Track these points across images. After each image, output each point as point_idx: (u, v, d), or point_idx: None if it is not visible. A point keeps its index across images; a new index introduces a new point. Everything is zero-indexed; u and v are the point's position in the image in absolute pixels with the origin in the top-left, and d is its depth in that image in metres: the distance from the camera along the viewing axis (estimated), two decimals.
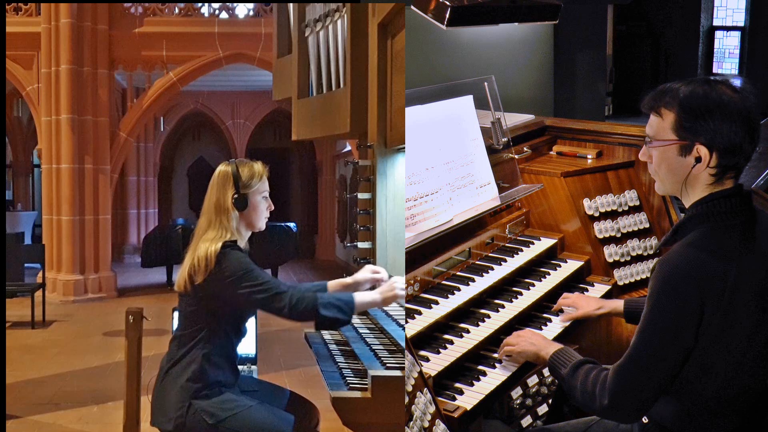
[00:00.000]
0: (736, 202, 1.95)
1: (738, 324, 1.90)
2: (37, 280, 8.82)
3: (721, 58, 12.30)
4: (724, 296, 1.87)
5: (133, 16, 10.27)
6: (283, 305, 2.41)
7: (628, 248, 3.25)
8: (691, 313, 1.87)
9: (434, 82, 3.18)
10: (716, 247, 1.90)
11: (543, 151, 3.68)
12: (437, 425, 2.08)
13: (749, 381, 1.98)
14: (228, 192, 2.55)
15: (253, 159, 2.69)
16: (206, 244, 2.47)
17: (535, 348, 2.31)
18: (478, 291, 2.75)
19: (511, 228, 3.20)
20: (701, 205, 1.96)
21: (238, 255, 2.46)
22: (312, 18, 4.26)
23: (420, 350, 2.39)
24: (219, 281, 2.43)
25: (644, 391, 1.95)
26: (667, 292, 1.89)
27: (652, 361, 1.92)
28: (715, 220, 1.94)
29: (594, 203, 3.26)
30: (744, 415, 2.02)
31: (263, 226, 2.64)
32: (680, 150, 1.96)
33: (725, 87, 1.94)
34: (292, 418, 2.62)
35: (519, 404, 2.85)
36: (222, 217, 2.52)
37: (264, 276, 2.45)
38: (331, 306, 2.44)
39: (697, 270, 1.87)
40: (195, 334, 2.52)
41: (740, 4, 11.93)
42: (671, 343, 1.91)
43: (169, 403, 2.50)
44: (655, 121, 2.00)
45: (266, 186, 2.64)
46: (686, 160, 1.95)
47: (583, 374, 2.07)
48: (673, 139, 1.96)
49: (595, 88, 7.36)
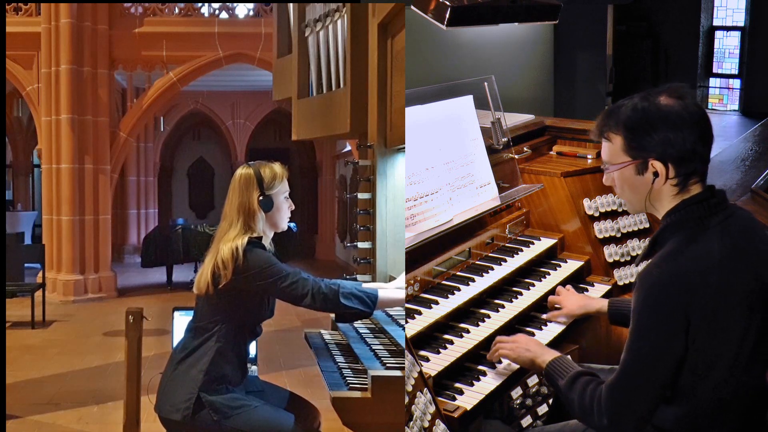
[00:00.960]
0: (708, 205, 1.95)
1: (727, 326, 1.89)
2: (37, 280, 8.83)
3: (721, 58, 12.30)
4: (709, 302, 1.86)
5: (133, 16, 10.27)
6: (306, 292, 2.46)
7: (628, 248, 3.25)
8: (678, 324, 1.87)
9: (434, 82, 3.18)
10: (694, 255, 1.89)
11: (543, 151, 3.68)
12: (437, 425, 2.08)
13: (745, 381, 1.97)
14: (253, 194, 2.57)
15: (256, 159, 2.71)
16: (229, 243, 2.48)
17: (531, 354, 2.29)
18: (478, 291, 2.75)
19: (511, 228, 3.20)
20: (674, 213, 1.98)
21: (262, 251, 2.51)
22: (312, 18, 4.26)
23: (420, 350, 2.39)
24: (244, 275, 2.46)
25: (640, 406, 1.95)
26: (650, 307, 1.89)
27: (643, 376, 1.92)
28: (689, 226, 1.94)
29: (594, 203, 3.26)
30: (742, 416, 2.02)
31: (285, 226, 2.68)
32: (636, 169, 1.99)
33: (665, 97, 1.96)
34: (292, 418, 2.62)
35: (519, 404, 2.85)
36: (247, 219, 2.55)
37: (288, 268, 2.50)
38: (353, 296, 2.50)
39: (678, 281, 1.87)
40: (211, 327, 2.54)
41: (740, 4, 11.93)
42: (661, 356, 1.90)
43: (178, 393, 2.51)
44: (607, 146, 2.05)
45: (287, 186, 2.67)
46: (645, 178, 1.99)
47: (580, 387, 2.06)
48: (627, 161, 2.00)
49: (595, 88, 7.35)
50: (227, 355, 2.54)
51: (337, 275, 2.88)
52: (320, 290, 2.48)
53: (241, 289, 2.49)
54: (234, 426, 2.47)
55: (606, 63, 7.33)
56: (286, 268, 2.50)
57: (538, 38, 5.64)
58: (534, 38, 5.58)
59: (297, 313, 8.37)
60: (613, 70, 10.90)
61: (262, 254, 2.50)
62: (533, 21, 3.77)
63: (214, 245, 2.56)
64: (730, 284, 1.88)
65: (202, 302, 2.59)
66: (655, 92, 1.98)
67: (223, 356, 2.53)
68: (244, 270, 2.46)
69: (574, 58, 6.89)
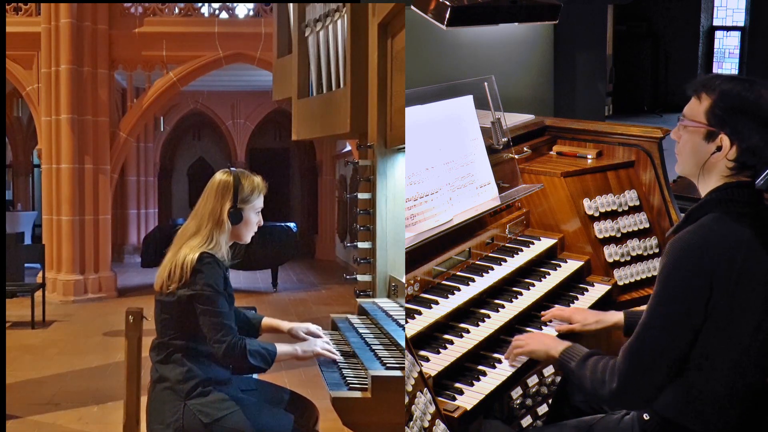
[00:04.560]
0: (749, 192, 2.02)
1: (743, 312, 1.94)
2: (37, 280, 8.83)
3: (721, 58, 12.31)
4: (731, 279, 1.91)
5: (133, 16, 10.26)
6: (223, 341, 2.42)
7: (628, 248, 3.25)
8: (701, 289, 1.92)
9: (434, 82, 3.18)
10: (727, 232, 1.95)
11: (543, 151, 3.68)
12: (437, 425, 2.08)
13: (753, 374, 2.01)
14: (226, 203, 2.55)
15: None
16: (187, 250, 2.48)
17: (545, 347, 2.35)
18: (478, 291, 2.75)
19: (511, 228, 3.20)
20: (716, 192, 2.04)
21: (212, 272, 2.46)
22: (312, 18, 4.26)
23: (420, 350, 2.40)
24: (188, 290, 2.45)
25: (653, 373, 1.98)
26: (678, 268, 1.95)
27: (662, 338, 1.96)
28: (727, 206, 2.00)
29: (594, 203, 3.26)
30: (747, 409, 2.04)
31: (248, 240, 2.65)
32: (706, 135, 2.04)
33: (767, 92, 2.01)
34: (290, 418, 2.61)
35: (519, 404, 2.85)
36: (213, 227, 2.53)
37: (223, 307, 2.46)
38: (258, 354, 2.48)
39: (707, 248, 1.93)
40: (173, 339, 2.52)
41: (740, 4, 11.94)
42: (681, 320, 1.94)
43: (163, 410, 2.50)
44: (694, 104, 2.09)
45: (261, 202, 2.65)
46: (708, 146, 2.04)
47: (592, 364, 2.12)
48: (703, 123, 2.04)
49: (595, 88, 7.35)
50: (198, 357, 2.52)
51: (338, 275, 2.87)
52: (233, 348, 2.42)
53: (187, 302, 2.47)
54: (224, 426, 2.45)
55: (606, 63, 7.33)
56: (222, 305, 2.45)
57: (538, 38, 5.64)
58: (534, 38, 5.58)
59: (297, 313, 8.39)
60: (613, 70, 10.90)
61: (210, 278, 2.45)
62: (533, 21, 3.77)
63: (177, 243, 2.55)
64: (753, 267, 1.94)
65: (158, 316, 2.56)
66: (762, 84, 2.03)
67: (193, 359, 2.51)
68: (190, 285, 2.44)
69: (574, 58, 6.89)
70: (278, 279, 10.86)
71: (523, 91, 5.35)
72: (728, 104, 2.00)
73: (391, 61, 3.44)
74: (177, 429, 2.46)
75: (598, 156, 3.57)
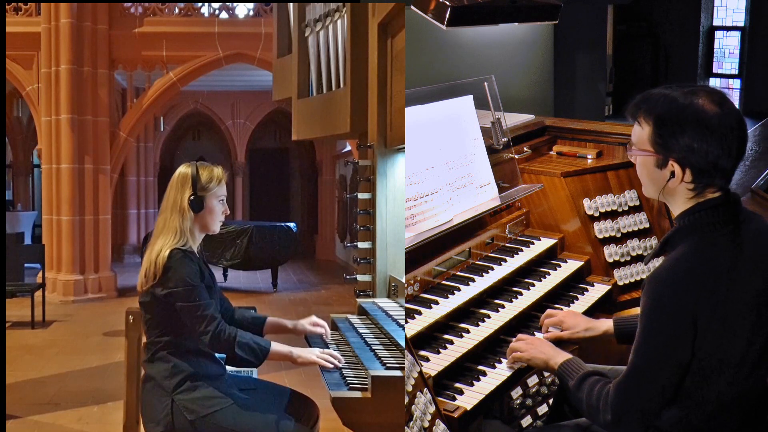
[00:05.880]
0: (723, 211, 1.92)
1: (734, 332, 1.89)
2: (37, 280, 8.82)
3: (721, 58, 12.29)
4: (717, 307, 1.86)
5: (133, 16, 10.26)
6: (208, 331, 2.43)
7: (628, 248, 3.25)
8: (685, 326, 1.86)
9: (434, 82, 3.18)
10: (705, 260, 1.88)
11: (543, 151, 3.68)
12: (437, 425, 2.08)
13: (749, 384, 1.97)
14: (185, 193, 2.57)
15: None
16: (158, 247, 2.49)
17: (544, 356, 2.30)
18: (478, 291, 2.75)
19: (511, 228, 3.20)
20: (687, 216, 1.95)
21: (184, 267, 2.47)
22: (312, 18, 4.26)
23: (420, 350, 2.40)
24: (163, 288, 2.46)
25: (645, 405, 1.96)
26: (658, 308, 1.88)
27: (649, 377, 1.93)
28: (702, 231, 1.92)
29: (594, 203, 3.26)
30: (744, 418, 2.02)
31: (217, 229, 2.65)
32: (656, 163, 1.96)
33: (706, 100, 1.89)
34: (290, 421, 2.58)
35: (519, 404, 2.85)
36: (177, 218, 2.54)
37: (203, 298, 2.47)
38: (247, 347, 2.48)
39: (687, 283, 1.86)
40: (158, 337, 2.54)
41: (740, 4, 11.92)
42: (667, 360, 1.91)
43: (153, 407, 2.51)
44: (636, 130, 2.00)
45: (224, 190, 2.67)
46: (662, 173, 1.95)
47: (588, 387, 2.08)
48: (650, 151, 1.96)
49: (595, 88, 7.36)
50: (182, 352, 2.52)
51: (338, 275, 2.88)
52: (220, 335, 2.43)
53: (164, 300, 2.48)
54: (211, 423, 2.44)
55: (606, 63, 7.34)
56: (199, 295, 2.46)
57: (538, 38, 5.64)
58: (534, 38, 5.58)
59: (297, 313, 8.37)
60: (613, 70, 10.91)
61: (183, 272, 2.46)
62: (533, 21, 3.78)
63: (151, 241, 2.56)
64: (740, 292, 1.87)
65: (143, 316, 2.58)
66: (702, 91, 1.91)
67: (178, 354, 2.51)
68: (164, 284, 2.46)
69: (574, 58, 6.90)
70: (278, 279, 10.86)
71: (523, 91, 5.36)
72: (667, 128, 1.89)
73: (391, 61, 3.45)
74: (167, 425, 2.47)
75: (598, 156, 3.58)
